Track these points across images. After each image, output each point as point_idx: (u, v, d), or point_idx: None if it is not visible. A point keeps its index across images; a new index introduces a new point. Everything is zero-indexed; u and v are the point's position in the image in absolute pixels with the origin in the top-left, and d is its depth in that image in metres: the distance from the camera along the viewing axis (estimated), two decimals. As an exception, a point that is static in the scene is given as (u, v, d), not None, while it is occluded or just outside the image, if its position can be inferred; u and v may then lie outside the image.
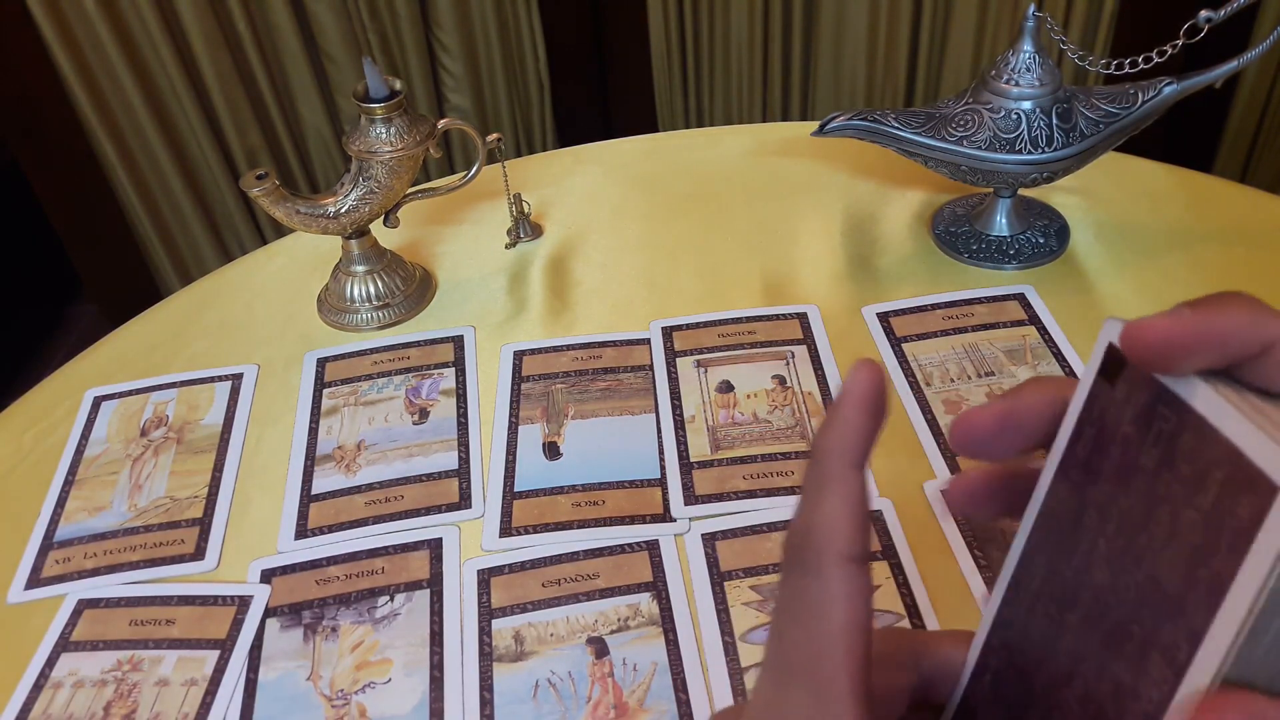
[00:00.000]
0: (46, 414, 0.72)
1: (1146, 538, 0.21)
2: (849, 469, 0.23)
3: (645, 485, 0.62)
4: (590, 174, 0.93)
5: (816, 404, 0.67)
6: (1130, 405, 0.22)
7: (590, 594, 0.57)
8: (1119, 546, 0.22)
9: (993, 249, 0.78)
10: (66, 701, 0.54)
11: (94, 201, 1.62)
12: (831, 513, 0.23)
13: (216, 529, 0.62)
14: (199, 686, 0.54)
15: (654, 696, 0.52)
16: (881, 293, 0.76)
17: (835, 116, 0.72)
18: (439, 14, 1.66)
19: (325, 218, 0.73)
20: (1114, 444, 0.23)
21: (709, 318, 0.74)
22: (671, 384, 0.69)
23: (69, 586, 0.60)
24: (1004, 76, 0.71)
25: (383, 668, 0.54)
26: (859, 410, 0.23)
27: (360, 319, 0.77)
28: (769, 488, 0.61)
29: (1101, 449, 0.23)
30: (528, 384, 0.70)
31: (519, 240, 0.84)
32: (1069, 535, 0.24)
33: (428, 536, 0.61)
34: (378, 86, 0.71)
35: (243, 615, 0.57)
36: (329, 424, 0.69)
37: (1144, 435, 0.22)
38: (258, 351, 0.76)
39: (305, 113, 1.69)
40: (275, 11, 1.57)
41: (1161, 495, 0.21)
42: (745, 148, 0.94)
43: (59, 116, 1.53)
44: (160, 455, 0.68)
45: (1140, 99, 0.72)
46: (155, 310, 0.82)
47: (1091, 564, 0.23)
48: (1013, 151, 0.71)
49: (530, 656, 0.54)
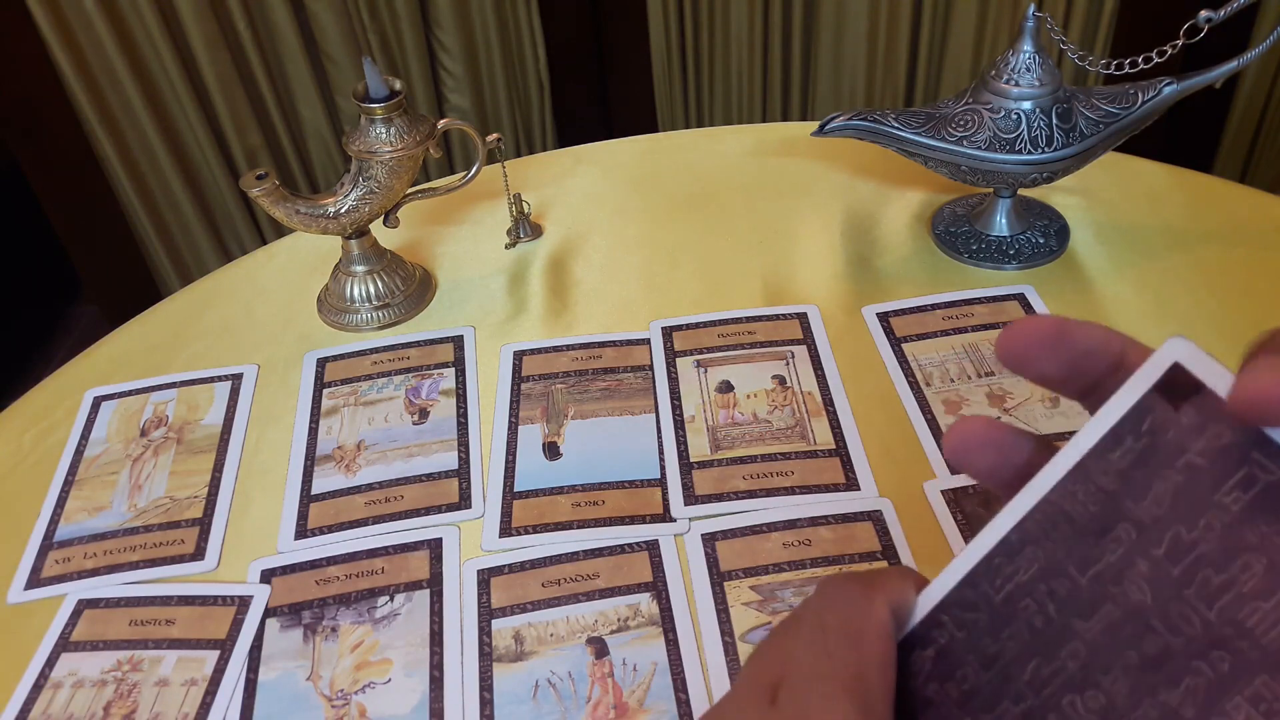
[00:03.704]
0: (46, 414, 0.72)
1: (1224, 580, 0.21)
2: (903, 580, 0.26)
3: (645, 485, 0.62)
4: (590, 174, 0.93)
5: (816, 404, 0.67)
6: (1203, 436, 0.22)
7: (590, 594, 0.56)
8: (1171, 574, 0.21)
9: (993, 249, 0.78)
10: (66, 702, 0.54)
11: (94, 201, 1.62)
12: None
13: (216, 529, 0.62)
14: (199, 687, 0.54)
15: (654, 696, 0.52)
16: (881, 293, 0.76)
17: (835, 116, 0.72)
18: (439, 14, 1.66)
19: (325, 218, 0.73)
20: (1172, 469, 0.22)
21: (709, 318, 0.74)
22: (671, 384, 0.69)
23: (69, 586, 0.60)
24: (1004, 76, 0.71)
25: (383, 668, 0.54)
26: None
27: (360, 319, 0.77)
28: (769, 488, 0.61)
29: (1150, 467, 0.22)
30: (528, 384, 0.70)
31: (519, 240, 0.84)
32: (1088, 540, 0.23)
33: (428, 536, 0.60)
34: (378, 86, 0.71)
35: (243, 615, 0.57)
36: (329, 424, 0.69)
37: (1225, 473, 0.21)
38: (258, 351, 0.76)
39: (305, 113, 1.69)
40: (275, 12, 1.57)
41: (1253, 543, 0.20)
42: (745, 148, 0.94)
43: (59, 116, 1.53)
44: (160, 455, 0.68)
45: (1140, 99, 0.72)
46: (155, 310, 0.82)
47: (1124, 579, 0.22)
48: (1013, 151, 0.71)
49: (530, 657, 0.54)
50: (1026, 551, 0.24)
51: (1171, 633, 0.21)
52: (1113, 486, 0.23)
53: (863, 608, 0.25)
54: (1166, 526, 0.22)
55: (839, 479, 0.62)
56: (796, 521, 0.59)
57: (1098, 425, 0.23)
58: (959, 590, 0.25)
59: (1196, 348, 0.22)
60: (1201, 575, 0.21)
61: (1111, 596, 0.22)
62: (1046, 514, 0.24)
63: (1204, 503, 0.21)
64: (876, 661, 0.24)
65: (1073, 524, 0.23)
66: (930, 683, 0.25)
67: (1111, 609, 0.22)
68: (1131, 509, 0.22)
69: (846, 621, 0.25)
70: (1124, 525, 0.22)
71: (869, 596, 0.25)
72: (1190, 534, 0.21)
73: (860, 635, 0.25)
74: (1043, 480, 0.24)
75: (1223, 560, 0.21)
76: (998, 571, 0.24)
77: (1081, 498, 0.23)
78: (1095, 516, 0.23)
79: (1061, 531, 0.24)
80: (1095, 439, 0.23)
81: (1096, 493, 0.23)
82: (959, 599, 0.25)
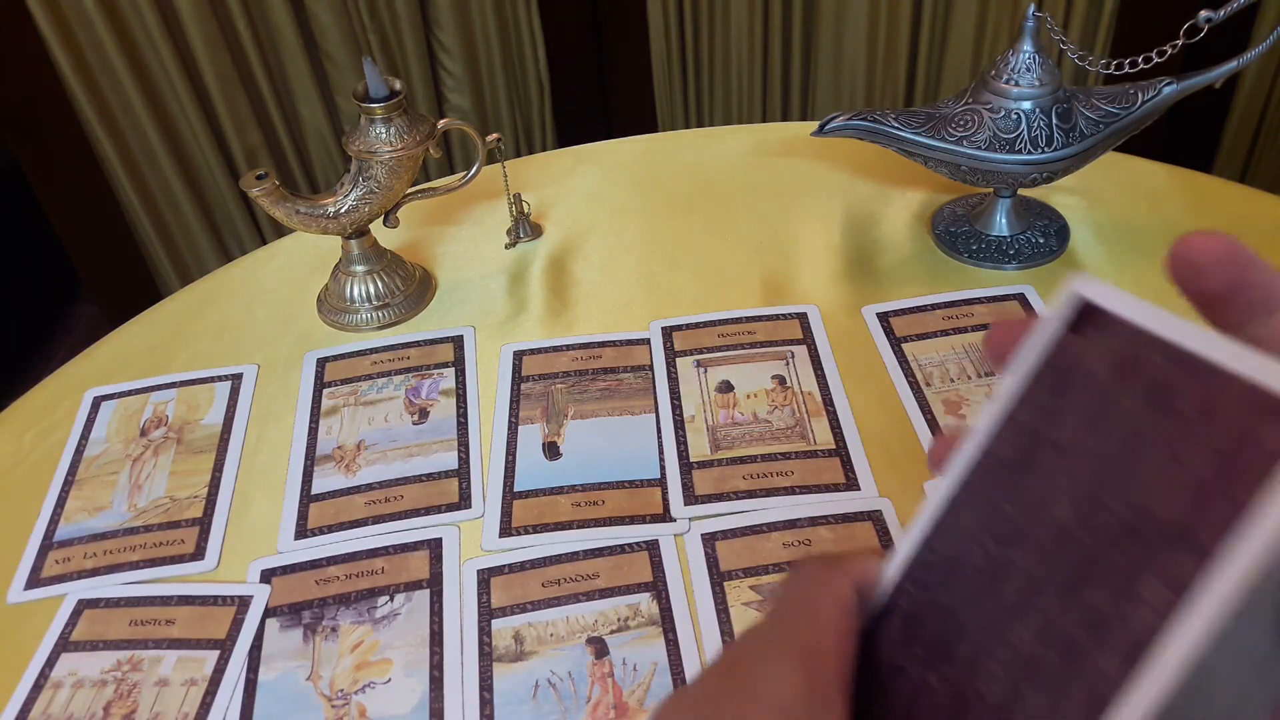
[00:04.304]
0: (46, 414, 0.72)
1: (1131, 476, 0.22)
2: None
3: (645, 485, 0.62)
4: (590, 174, 0.93)
5: (816, 404, 0.67)
6: (1106, 354, 0.24)
7: (590, 594, 0.56)
8: (1089, 483, 0.23)
9: (993, 249, 0.78)
10: (66, 701, 0.54)
11: (94, 201, 1.62)
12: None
13: (216, 529, 0.62)
14: (199, 686, 0.54)
15: (654, 696, 0.52)
16: (881, 293, 0.76)
17: (835, 116, 0.72)
18: (439, 14, 1.66)
19: (325, 218, 0.73)
20: (1083, 391, 0.24)
21: (709, 318, 0.74)
22: (671, 384, 0.69)
23: (69, 586, 0.60)
24: (1004, 76, 0.71)
25: (382, 668, 0.54)
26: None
27: (360, 319, 0.77)
28: (769, 488, 0.61)
29: (1066, 395, 0.24)
30: (527, 384, 0.70)
31: (519, 240, 0.84)
32: (1016, 476, 0.24)
33: (428, 536, 0.60)
34: (378, 86, 0.71)
35: (243, 615, 0.57)
36: (329, 424, 0.69)
37: (1124, 380, 0.23)
38: (258, 351, 0.76)
39: (305, 113, 1.69)
40: (275, 12, 1.57)
41: (1151, 435, 0.22)
42: (745, 148, 0.94)
43: (59, 116, 1.53)
44: (160, 455, 0.68)
45: (1140, 99, 0.72)
46: (155, 310, 0.82)
47: (1050, 502, 0.23)
48: (1013, 151, 0.71)
49: (530, 656, 0.54)
50: (969, 502, 0.25)
51: (1092, 538, 0.22)
52: (1034, 422, 0.25)
53: (823, 583, 0.26)
54: (1081, 443, 0.23)
55: (839, 479, 0.62)
56: (796, 521, 0.59)
57: (1018, 371, 0.25)
58: (918, 554, 0.26)
59: (1095, 280, 0.24)
60: (1113, 478, 0.22)
61: (1041, 521, 0.24)
62: (984, 464, 0.25)
63: (1110, 412, 0.23)
64: (830, 629, 0.25)
65: (1004, 465, 0.25)
66: (900, 649, 0.26)
67: (1041, 533, 0.23)
68: (1051, 436, 0.24)
69: (804, 596, 0.26)
70: (1046, 452, 0.24)
71: (831, 573, 0.26)
72: (1101, 443, 0.23)
73: (816, 609, 0.25)
74: (977, 435, 0.26)
75: (1129, 459, 0.22)
76: (947, 528, 0.26)
77: (1010, 439, 0.25)
78: (1022, 451, 0.25)
79: (996, 476, 0.25)
80: (1018, 384, 0.25)
81: (1022, 430, 0.25)
82: (918, 562, 0.26)
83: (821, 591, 0.26)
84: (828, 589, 0.26)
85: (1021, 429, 0.25)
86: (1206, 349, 0.22)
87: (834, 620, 0.25)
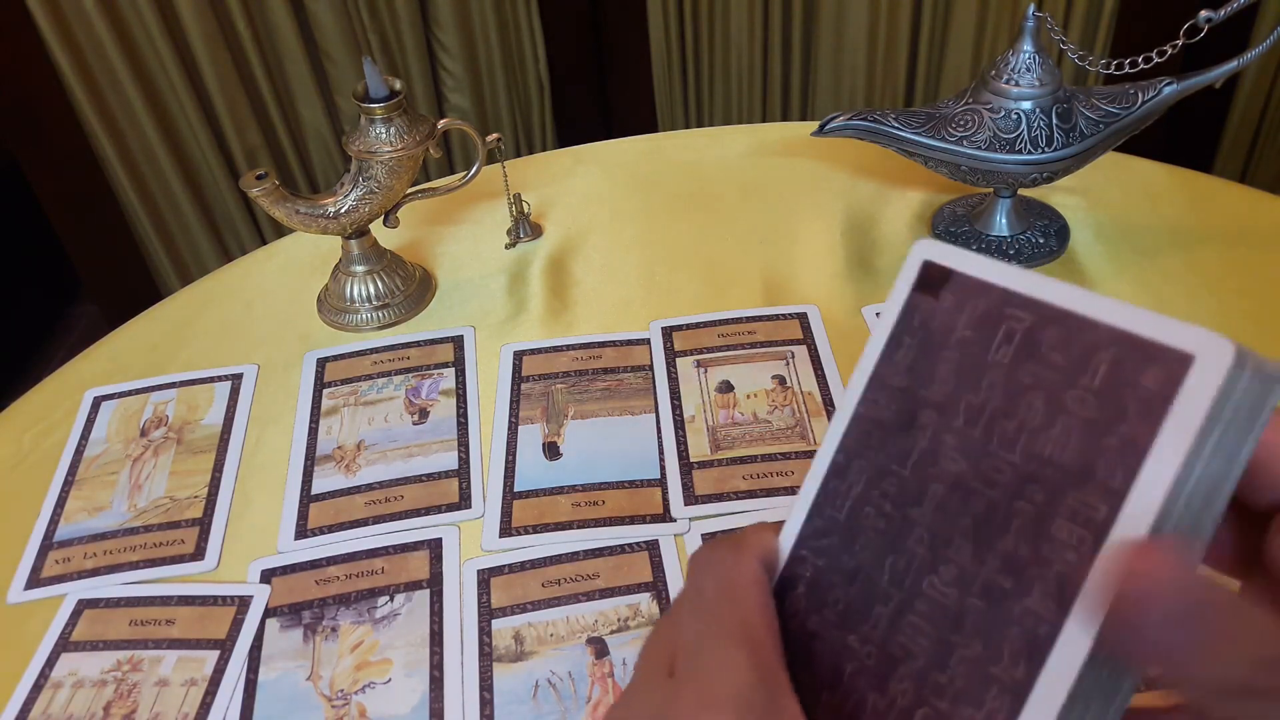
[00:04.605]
0: (46, 414, 0.72)
1: (1016, 424, 0.23)
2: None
3: (645, 485, 0.62)
4: (590, 174, 0.93)
5: (816, 404, 0.67)
6: (964, 312, 0.25)
7: (590, 594, 0.57)
8: (976, 437, 0.24)
9: (993, 249, 0.78)
10: (66, 702, 0.54)
11: (94, 201, 1.62)
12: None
13: (216, 529, 0.62)
14: (199, 687, 0.54)
15: (654, 696, 0.52)
16: (881, 293, 0.76)
17: (835, 116, 0.72)
18: (439, 14, 1.66)
19: (325, 218, 0.73)
20: (948, 349, 0.25)
21: (709, 318, 0.74)
22: (671, 384, 0.69)
23: (69, 586, 0.60)
24: (1004, 76, 0.71)
25: (382, 668, 0.54)
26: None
27: (360, 319, 0.77)
28: (769, 488, 0.61)
29: (931, 354, 0.25)
30: (528, 384, 0.70)
31: (519, 240, 0.84)
32: (900, 436, 0.25)
33: (428, 536, 0.60)
34: (378, 86, 0.71)
35: (243, 615, 0.57)
36: (329, 424, 0.69)
37: (989, 335, 0.24)
38: (258, 351, 0.76)
39: (305, 113, 1.69)
40: (275, 11, 1.57)
41: (1028, 384, 0.23)
42: (745, 148, 0.94)
43: (59, 116, 1.53)
44: (160, 455, 0.68)
45: (1140, 99, 0.72)
46: (155, 310, 0.82)
47: (939, 458, 0.24)
48: (1013, 151, 0.71)
49: (530, 657, 0.54)
50: (854, 466, 0.26)
51: (990, 487, 0.23)
52: (905, 383, 0.25)
53: (733, 565, 0.26)
54: (958, 398, 0.24)
55: (839, 479, 0.62)
56: (796, 521, 0.59)
57: (878, 336, 0.26)
58: (809, 523, 0.27)
59: (938, 243, 0.25)
60: (999, 428, 0.23)
61: (934, 477, 0.24)
62: (860, 428, 0.26)
63: (981, 366, 0.24)
64: (758, 610, 0.25)
65: (883, 428, 0.26)
66: (810, 615, 0.26)
67: (937, 488, 0.24)
68: (926, 395, 0.25)
69: (721, 581, 0.26)
70: (925, 411, 0.25)
71: (737, 554, 0.27)
72: (979, 397, 0.24)
73: (736, 590, 0.26)
74: (847, 400, 0.27)
75: (1010, 408, 0.23)
76: (835, 494, 0.26)
77: (883, 402, 0.26)
78: (899, 413, 0.25)
79: (876, 438, 0.26)
80: (880, 348, 0.26)
81: (894, 393, 0.26)
82: (811, 530, 0.27)
83: (736, 575, 0.26)
84: (741, 571, 0.26)
85: (894, 392, 0.26)
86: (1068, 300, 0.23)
87: (757, 601, 0.25)
